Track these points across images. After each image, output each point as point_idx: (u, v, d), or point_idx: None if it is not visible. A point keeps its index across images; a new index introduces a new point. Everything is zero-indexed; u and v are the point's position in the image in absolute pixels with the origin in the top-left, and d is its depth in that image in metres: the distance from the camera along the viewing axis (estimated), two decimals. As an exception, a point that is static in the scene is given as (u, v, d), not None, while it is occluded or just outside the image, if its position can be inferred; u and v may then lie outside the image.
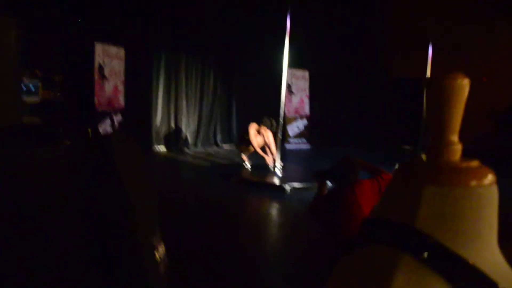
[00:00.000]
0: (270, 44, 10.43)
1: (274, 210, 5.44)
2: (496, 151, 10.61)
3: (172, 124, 9.22)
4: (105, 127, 7.98)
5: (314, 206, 3.55)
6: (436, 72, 9.30)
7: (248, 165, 7.40)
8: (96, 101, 7.76)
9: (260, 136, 7.25)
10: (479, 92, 11.13)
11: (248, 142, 7.18)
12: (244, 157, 7.45)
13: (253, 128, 7.12)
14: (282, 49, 10.15)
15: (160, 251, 2.07)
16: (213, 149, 9.78)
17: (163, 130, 8.90)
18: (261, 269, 3.62)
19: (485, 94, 11.05)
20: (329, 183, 3.53)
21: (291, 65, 10.30)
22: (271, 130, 7.20)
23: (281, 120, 7.12)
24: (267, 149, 7.31)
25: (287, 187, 6.13)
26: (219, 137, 10.11)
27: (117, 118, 8.25)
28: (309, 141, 11.45)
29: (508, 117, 10.66)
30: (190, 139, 9.55)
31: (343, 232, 3.14)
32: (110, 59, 8.01)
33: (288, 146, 10.56)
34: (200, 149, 9.55)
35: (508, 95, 10.64)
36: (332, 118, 12.44)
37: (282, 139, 7.44)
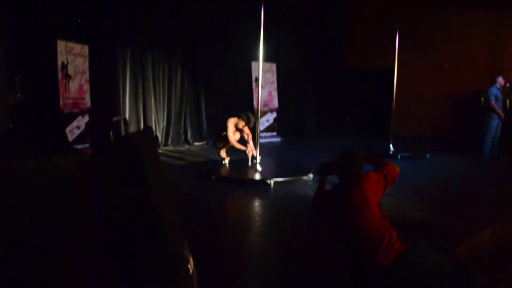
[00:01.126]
0: (237, 37, 10.29)
1: (261, 206, 5.31)
2: (457, 135, 10.99)
3: (142, 123, 8.90)
4: (71, 129, 7.59)
5: (318, 201, 3.46)
6: (402, 60, 9.45)
7: (227, 162, 7.25)
8: (61, 102, 7.35)
9: (237, 132, 7.11)
10: (442, 79, 11.48)
11: (226, 139, 7.02)
12: (223, 154, 7.29)
13: (231, 123, 6.97)
14: (249, 43, 10.07)
15: (191, 263, 1.91)
16: (184, 147, 9.54)
17: (133, 130, 8.58)
18: (248, 267, 3.50)
19: (447, 81, 11.41)
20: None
21: (258, 58, 10.21)
22: (249, 126, 7.07)
23: (258, 114, 7.00)
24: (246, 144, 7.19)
25: (271, 181, 6.03)
26: (190, 134, 9.86)
27: (84, 120, 7.86)
28: (278, 134, 11.42)
29: (469, 102, 11.00)
30: (160, 138, 9.27)
31: (351, 227, 3.07)
32: (73, 57, 7.60)
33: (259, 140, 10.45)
34: (171, 147, 9.28)
35: (469, 82, 10.97)
36: (298, 110, 12.50)
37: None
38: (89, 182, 1.68)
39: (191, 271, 1.81)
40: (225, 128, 6.98)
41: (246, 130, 7.14)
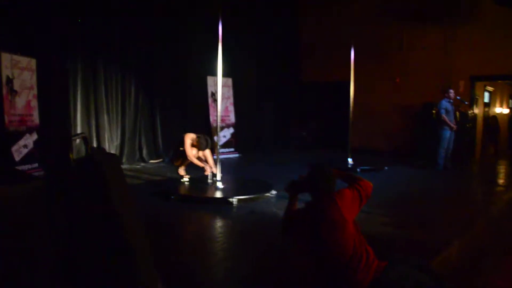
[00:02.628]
0: (192, 52, 10.10)
1: (224, 225, 5.10)
2: (411, 147, 11.25)
3: (94, 141, 8.48)
4: (18, 148, 7.09)
5: (288, 221, 3.30)
6: (357, 74, 9.58)
7: (186, 180, 6.98)
8: (6, 119, 6.86)
9: (194, 148, 6.87)
10: (395, 92, 11.77)
11: (184, 155, 6.76)
12: (181, 171, 7.02)
13: (188, 138, 6.72)
14: (204, 57, 9.90)
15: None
16: (140, 165, 9.16)
17: (84, 148, 8.14)
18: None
19: (400, 95, 11.71)
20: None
21: (214, 73, 10.06)
22: (208, 148, 6.85)
23: (218, 129, 6.82)
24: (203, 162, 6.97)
25: (233, 199, 5.83)
26: (145, 152, 9.49)
27: (32, 138, 7.37)
28: (236, 149, 11.25)
29: (421, 115, 11.31)
30: (114, 156, 8.85)
31: (327, 247, 2.93)
32: (20, 71, 7.13)
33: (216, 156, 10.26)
34: (126, 165, 8.87)
35: (421, 95, 11.30)
36: (256, 125, 12.43)
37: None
38: (46, 211, 1.43)
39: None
40: (182, 143, 6.73)
41: (207, 153, 6.92)
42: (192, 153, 6.75)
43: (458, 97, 9.65)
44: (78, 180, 1.45)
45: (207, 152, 6.92)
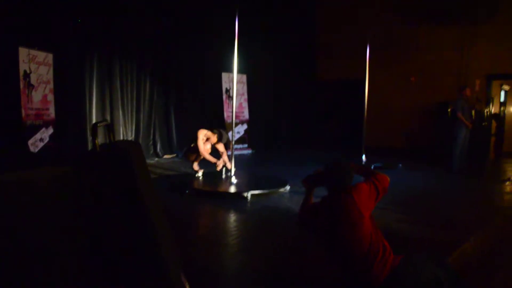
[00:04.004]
0: (207, 48, 10.13)
1: (238, 219, 5.12)
2: (426, 146, 11.16)
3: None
4: (34, 141, 7.18)
5: (305, 215, 3.30)
6: (373, 73, 9.53)
7: (200, 174, 7.01)
8: (23, 113, 6.95)
9: (208, 143, 6.90)
10: (410, 91, 11.68)
11: (197, 150, 6.79)
12: (195, 167, 7.05)
13: (202, 134, 6.75)
14: (219, 54, 9.93)
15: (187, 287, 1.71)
16: (154, 160, 9.22)
17: (100, 143, 8.20)
18: (227, 283, 3.32)
19: (416, 93, 11.62)
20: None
21: (229, 69, 10.08)
22: (222, 142, 6.88)
23: (233, 125, 6.83)
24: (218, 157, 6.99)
25: (247, 194, 5.85)
26: (159, 147, 9.55)
27: (48, 132, 7.46)
28: (249, 145, 11.27)
29: (436, 114, 11.21)
30: (129, 150, 8.91)
31: (344, 241, 2.93)
32: (37, 66, 7.22)
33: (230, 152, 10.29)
34: (140, 160, 8.92)
35: (437, 94, 11.20)
36: (269, 122, 12.44)
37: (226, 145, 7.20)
38: (73, 196, 1.45)
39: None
40: (195, 139, 6.76)
41: (220, 147, 6.95)
42: (204, 148, 6.78)
43: (475, 97, 9.53)
44: (104, 165, 1.47)
45: (222, 146, 6.95)
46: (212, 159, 6.86)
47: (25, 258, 1.22)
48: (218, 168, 6.87)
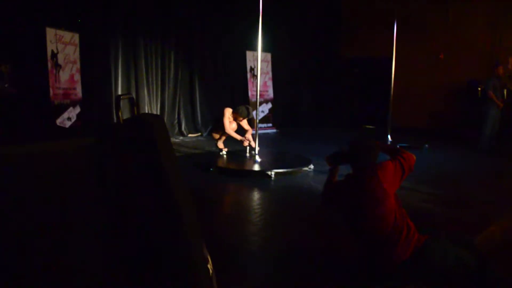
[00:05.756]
0: (231, 27, 10.06)
1: (262, 197, 5.14)
2: (455, 126, 10.90)
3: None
4: (62, 120, 7.33)
5: (329, 193, 3.29)
6: (400, 49, 9.30)
7: (225, 153, 7.05)
8: (51, 92, 7.09)
9: (234, 122, 6.93)
10: (439, 68, 11.36)
11: (223, 128, 6.82)
12: (220, 145, 7.09)
13: (227, 113, 6.77)
14: (244, 32, 9.86)
15: (211, 263, 1.73)
16: (179, 139, 9.31)
17: (131, 109, 8.33)
18: (250, 259, 3.34)
19: (445, 71, 11.30)
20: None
21: (253, 48, 10.00)
22: (248, 118, 6.89)
23: (258, 104, 6.80)
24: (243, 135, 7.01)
25: (271, 172, 5.86)
26: (184, 126, 9.62)
27: (75, 111, 7.59)
28: (274, 125, 11.24)
29: (466, 93, 10.90)
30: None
31: (368, 219, 2.91)
32: (63, 46, 7.32)
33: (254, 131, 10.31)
34: (165, 139, 9.02)
35: (467, 72, 10.87)
36: (294, 101, 12.35)
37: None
38: (95, 168, 1.47)
39: (211, 271, 1.62)
40: (221, 117, 6.78)
41: (245, 124, 6.96)
42: (230, 126, 6.80)
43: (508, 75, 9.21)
44: (127, 136, 1.48)
45: (246, 123, 6.96)
46: (237, 136, 6.88)
47: (50, 226, 1.26)
48: (245, 144, 6.88)
